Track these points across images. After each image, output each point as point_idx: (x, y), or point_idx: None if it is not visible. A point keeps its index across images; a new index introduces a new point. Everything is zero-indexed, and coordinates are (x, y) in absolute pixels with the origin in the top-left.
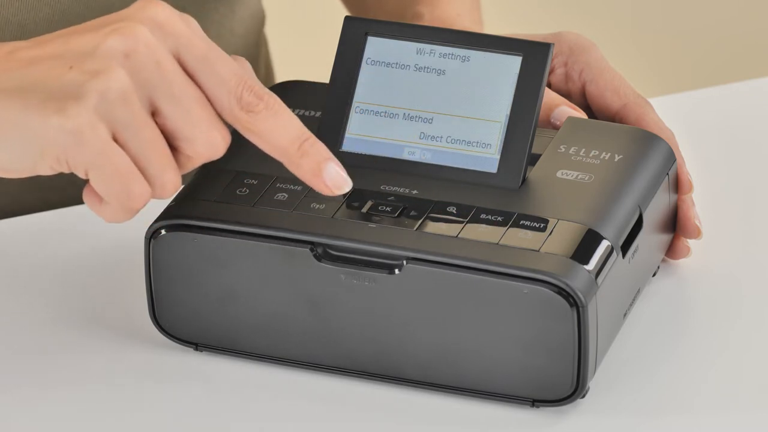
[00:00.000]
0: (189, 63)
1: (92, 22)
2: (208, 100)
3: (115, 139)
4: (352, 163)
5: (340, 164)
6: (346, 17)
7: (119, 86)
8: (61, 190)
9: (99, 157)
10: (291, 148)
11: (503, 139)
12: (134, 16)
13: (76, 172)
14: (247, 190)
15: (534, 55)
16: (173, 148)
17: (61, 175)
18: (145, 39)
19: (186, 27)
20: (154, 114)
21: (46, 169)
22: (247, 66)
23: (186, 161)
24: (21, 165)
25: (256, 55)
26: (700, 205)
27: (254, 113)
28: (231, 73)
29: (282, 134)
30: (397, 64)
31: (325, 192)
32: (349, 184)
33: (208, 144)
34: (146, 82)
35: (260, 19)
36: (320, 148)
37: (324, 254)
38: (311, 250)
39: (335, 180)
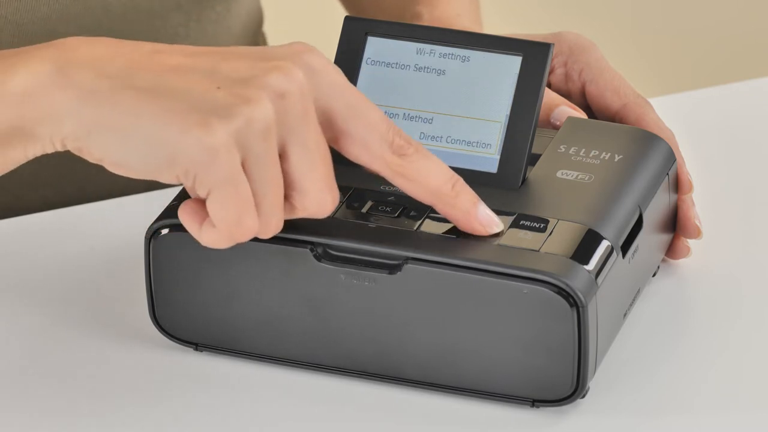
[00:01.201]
0: (340, 110)
1: (248, 50)
2: (357, 145)
3: (243, 169)
4: (352, 162)
5: (486, 206)
6: (346, 17)
7: (265, 119)
8: (62, 190)
9: (227, 181)
10: (444, 189)
11: (503, 139)
12: (294, 59)
13: (197, 189)
14: None
15: (534, 55)
16: (284, 196)
17: (61, 174)
18: (300, 84)
19: (339, 76)
20: (280, 157)
21: (171, 178)
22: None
23: (290, 210)
24: (143, 167)
25: None
26: (700, 205)
27: (406, 156)
28: (381, 119)
29: (435, 177)
30: (397, 64)
31: (480, 232)
32: (501, 224)
33: (318, 202)
34: (288, 126)
35: (258, 18)
36: (469, 189)
37: (324, 254)
38: (311, 250)
39: (487, 220)
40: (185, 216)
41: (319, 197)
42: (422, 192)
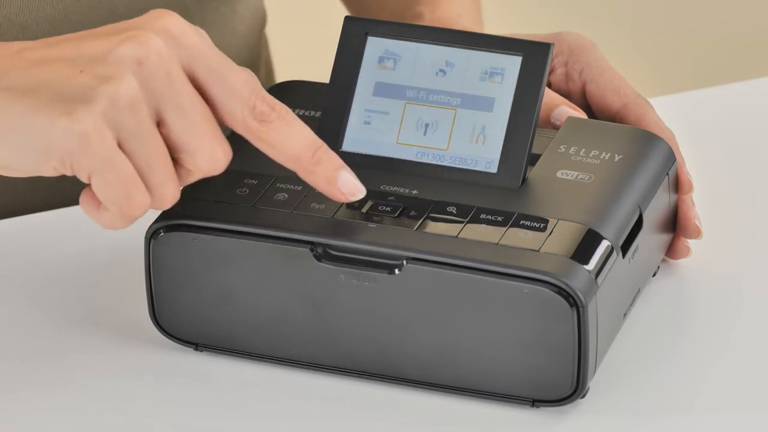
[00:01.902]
0: (201, 74)
1: (105, 28)
2: (220, 110)
3: (120, 146)
4: (352, 162)
5: (352, 172)
6: (346, 17)
7: (129, 93)
8: (62, 190)
9: (104, 163)
10: (305, 156)
11: (503, 139)
12: (148, 25)
13: (78, 176)
14: (247, 190)
15: (534, 55)
16: (174, 161)
17: (61, 175)
18: (157, 48)
19: (199, 38)
20: (159, 124)
21: (50, 171)
22: (256, 78)
23: (186, 174)
24: (24, 164)
25: (257, 54)
26: (700, 205)
27: (267, 122)
28: (243, 84)
29: (295, 142)
30: (397, 64)
31: (340, 199)
32: (363, 191)
33: (210, 159)
34: (155, 92)
35: (261, 19)
36: (333, 156)
37: (324, 254)
38: (311, 250)
39: (349, 187)
40: (84, 203)
41: (210, 153)
42: (283, 158)
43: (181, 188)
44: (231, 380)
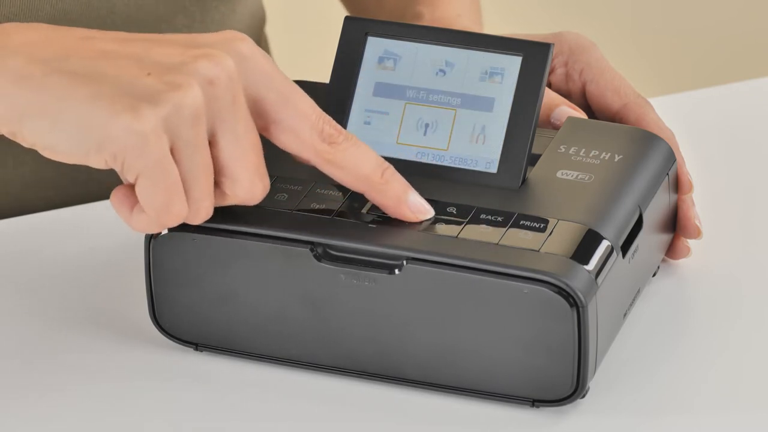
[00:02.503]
0: (270, 98)
1: (178, 37)
2: (288, 134)
3: (172, 155)
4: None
5: (418, 194)
6: (346, 17)
7: (194, 105)
8: (63, 190)
9: (155, 167)
10: (374, 177)
11: (503, 139)
12: (223, 45)
13: (126, 174)
14: None
15: (534, 55)
16: (215, 183)
17: (63, 174)
18: (229, 71)
19: (269, 64)
20: (210, 144)
21: (99, 162)
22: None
23: (221, 197)
24: (72, 150)
25: None
26: (700, 205)
27: (336, 144)
28: (311, 108)
29: (365, 164)
30: (396, 64)
31: (409, 219)
32: (431, 212)
33: (248, 189)
34: (218, 113)
35: (261, 19)
36: (400, 177)
37: (324, 254)
38: (311, 250)
39: (419, 207)
40: (116, 201)
41: (250, 184)
42: (353, 180)
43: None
44: (231, 380)
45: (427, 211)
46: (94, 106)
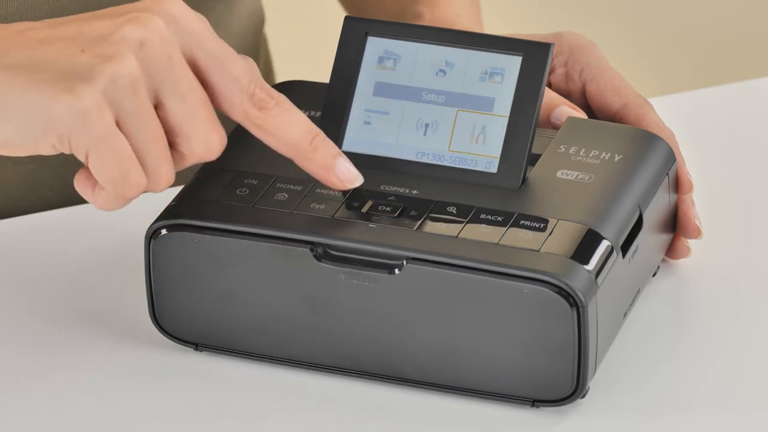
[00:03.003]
0: (201, 59)
1: (108, 10)
2: (219, 96)
3: (118, 126)
4: (352, 162)
5: (349, 161)
6: (346, 17)
7: (129, 73)
8: (62, 190)
9: (102, 141)
10: (302, 143)
11: (503, 139)
12: (151, 8)
13: (75, 154)
14: (247, 190)
15: (534, 55)
16: (170, 145)
17: (62, 174)
18: (160, 31)
19: (201, 24)
20: (157, 107)
21: (48, 148)
22: (255, 66)
23: (180, 159)
24: (22, 141)
25: (256, 54)
26: (700, 205)
27: (266, 110)
28: (243, 72)
29: (294, 130)
30: (396, 64)
31: (337, 186)
32: (360, 179)
33: (205, 144)
34: (156, 75)
35: (259, 19)
36: (330, 144)
37: (324, 254)
38: (311, 250)
39: (346, 174)
40: (78, 183)
41: (205, 138)
42: (281, 145)
43: (175, 172)
44: (231, 380)
45: (355, 178)
46: (35, 93)
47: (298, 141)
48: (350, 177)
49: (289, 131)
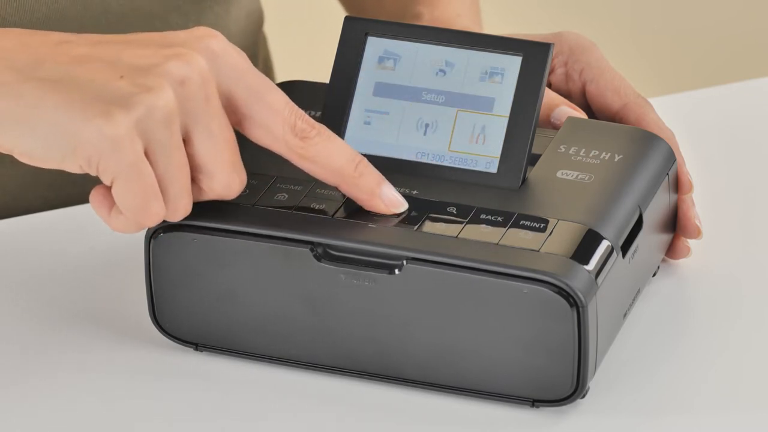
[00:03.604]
0: (241, 94)
1: (150, 37)
2: (259, 129)
3: (146, 155)
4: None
5: (392, 186)
6: (346, 17)
7: (166, 106)
8: (62, 190)
9: (130, 169)
10: (347, 170)
11: (503, 139)
12: (193, 44)
13: (101, 177)
14: (247, 190)
15: (534, 55)
16: (191, 179)
17: (61, 174)
18: (200, 70)
19: (241, 59)
20: (185, 141)
21: (74, 167)
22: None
23: (198, 193)
24: (48, 156)
25: (255, 54)
26: (700, 205)
27: (308, 139)
28: (283, 104)
29: (337, 158)
30: (396, 64)
31: (383, 211)
32: (405, 204)
33: (225, 185)
34: (190, 111)
35: (258, 19)
36: (374, 170)
37: (324, 254)
38: (311, 250)
39: (392, 200)
40: (95, 202)
41: (227, 179)
42: (326, 173)
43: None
44: (231, 380)
45: (400, 204)
46: (68, 111)
47: (343, 168)
48: (395, 202)
49: (333, 159)
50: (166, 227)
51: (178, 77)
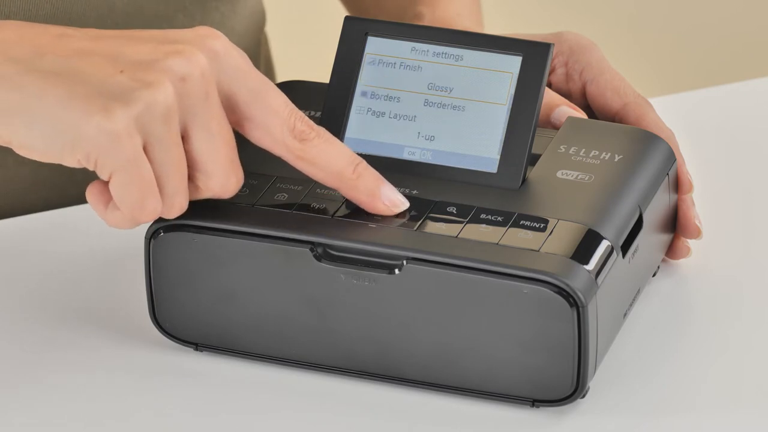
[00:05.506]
0: (241, 94)
1: (151, 34)
2: (259, 130)
3: (144, 151)
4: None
5: (392, 186)
6: (346, 17)
7: (166, 102)
8: (62, 190)
9: (128, 165)
10: (346, 172)
11: (503, 139)
12: (196, 42)
13: (99, 172)
14: (247, 190)
15: (534, 55)
16: (188, 177)
17: (62, 175)
18: (201, 68)
19: (242, 60)
20: (183, 138)
21: (72, 161)
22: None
23: (195, 191)
24: (46, 149)
25: (257, 54)
26: (700, 205)
27: (307, 141)
28: (283, 105)
29: (336, 160)
30: (397, 64)
31: (383, 212)
32: (406, 203)
33: (222, 183)
34: (190, 108)
35: (261, 19)
36: (373, 171)
37: (324, 254)
38: (311, 250)
39: (392, 200)
40: (91, 197)
41: (224, 178)
42: (325, 176)
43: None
44: (231, 380)
45: (401, 204)
46: (68, 106)
47: (342, 170)
48: (396, 202)
49: (332, 161)
50: (166, 227)
51: (179, 73)
